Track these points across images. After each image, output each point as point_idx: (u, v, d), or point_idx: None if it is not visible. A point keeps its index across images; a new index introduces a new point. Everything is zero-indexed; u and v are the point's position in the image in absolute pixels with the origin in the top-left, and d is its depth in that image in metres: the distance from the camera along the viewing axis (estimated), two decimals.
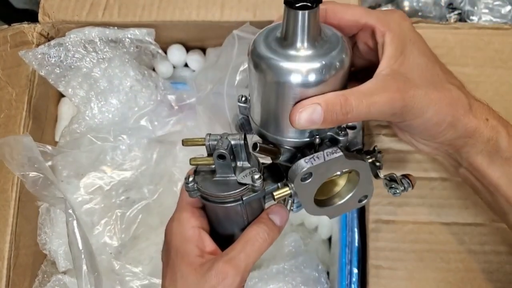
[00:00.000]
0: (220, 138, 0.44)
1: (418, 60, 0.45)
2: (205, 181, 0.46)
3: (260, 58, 0.41)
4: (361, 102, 0.41)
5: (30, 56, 0.73)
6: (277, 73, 0.40)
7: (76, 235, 0.66)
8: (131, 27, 0.77)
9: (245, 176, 0.45)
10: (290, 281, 0.68)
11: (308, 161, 0.43)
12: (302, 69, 0.39)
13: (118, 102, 0.76)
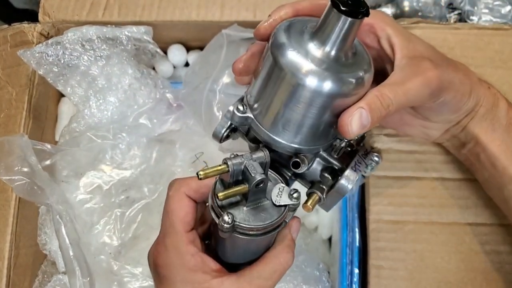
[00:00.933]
0: (246, 162, 0.39)
1: (423, 45, 0.49)
2: (240, 213, 0.41)
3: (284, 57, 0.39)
4: (397, 93, 0.43)
5: (28, 55, 0.73)
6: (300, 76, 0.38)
7: (66, 241, 0.65)
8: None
9: (279, 196, 0.42)
10: (292, 280, 0.68)
11: (349, 182, 0.45)
12: (341, 80, 0.39)
13: (117, 100, 0.76)
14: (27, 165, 0.66)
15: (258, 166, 0.39)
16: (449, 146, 0.60)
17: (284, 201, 0.41)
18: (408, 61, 0.46)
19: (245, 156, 0.40)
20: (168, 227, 0.46)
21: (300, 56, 0.38)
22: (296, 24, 0.41)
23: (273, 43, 0.40)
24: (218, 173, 0.40)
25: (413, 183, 0.66)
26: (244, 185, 0.40)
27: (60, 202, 0.69)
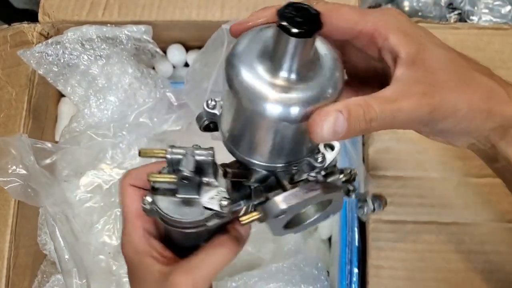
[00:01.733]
0: (185, 154, 0.39)
1: (437, 54, 0.40)
2: (165, 201, 0.41)
3: (239, 80, 0.34)
4: (384, 109, 0.37)
5: (28, 54, 0.73)
6: (256, 103, 0.34)
7: (61, 244, 0.66)
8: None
9: (211, 199, 0.41)
10: (290, 279, 0.67)
11: (284, 200, 0.39)
12: (289, 102, 0.34)
13: (117, 99, 0.75)
14: (23, 167, 0.66)
15: (192, 162, 0.38)
16: (479, 156, 0.51)
17: (211, 205, 0.40)
18: (409, 76, 0.39)
19: (190, 149, 0.39)
20: (123, 217, 0.47)
21: (253, 78, 0.34)
22: (263, 33, 0.36)
23: (229, 56, 0.36)
24: (156, 156, 0.40)
25: (413, 183, 0.66)
26: (174, 176, 0.39)
27: (57, 203, 0.69)
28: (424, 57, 0.39)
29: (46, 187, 0.68)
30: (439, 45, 0.40)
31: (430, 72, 0.39)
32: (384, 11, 0.41)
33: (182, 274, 0.42)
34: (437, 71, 0.39)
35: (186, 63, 0.89)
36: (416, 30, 0.40)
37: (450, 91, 0.39)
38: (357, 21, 0.39)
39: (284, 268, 0.69)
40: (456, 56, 0.41)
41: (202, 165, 0.40)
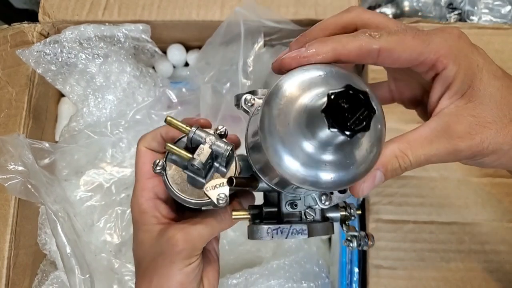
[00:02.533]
0: (204, 143, 0.41)
1: (490, 88, 0.38)
2: (173, 170, 0.44)
3: (279, 163, 0.34)
4: (418, 155, 0.38)
5: (26, 53, 0.73)
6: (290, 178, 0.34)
7: (63, 239, 0.66)
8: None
9: (213, 188, 0.41)
10: (291, 276, 0.68)
11: (270, 233, 0.41)
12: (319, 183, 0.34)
13: (116, 98, 0.75)
14: (22, 164, 0.66)
15: (207, 155, 0.40)
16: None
17: (211, 194, 0.41)
18: (451, 112, 0.38)
19: (211, 138, 0.41)
20: (136, 174, 0.50)
21: (292, 157, 0.33)
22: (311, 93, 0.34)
23: (270, 122, 0.34)
24: (179, 129, 0.42)
25: (413, 183, 0.66)
26: (189, 155, 0.41)
27: (58, 201, 0.69)
28: (473, 93, 0.38)
29: (46, 184, 0.68)
30: (495, 76, 0.39)
31: (478, 108, 0.38)
32: (447, 35, 0.39)
33: (177, 230, 0.45)
34: (485, 109, 0.38)
35: (186, 63, 0.89)
36: (475, 58, 0.39)
37: (495, 131, 0.38)
38: (421, 51, 0.38)
39: (285, 265, 0.69)
40: (509, 88, 0.39)
41: (218, 154, 0.42)
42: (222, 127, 0.43)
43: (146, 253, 0.47)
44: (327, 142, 0.32)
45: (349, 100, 0.29)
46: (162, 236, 0.45)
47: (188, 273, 0.46)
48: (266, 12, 0.74)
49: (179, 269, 0.45)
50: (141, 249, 0.47)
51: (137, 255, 0.48)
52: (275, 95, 0.34)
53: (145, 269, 0.47)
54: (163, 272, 0.45)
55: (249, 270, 0.69)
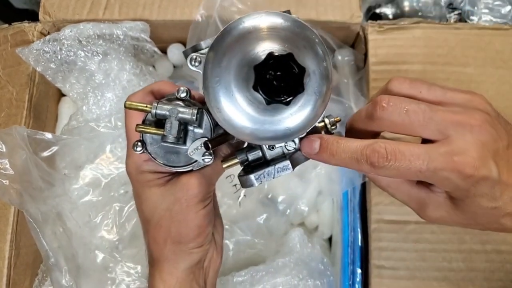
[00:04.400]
0: (169, 116, 0.41)
1: (477, 208, 0.40)
2: (154, 145, 0.44)
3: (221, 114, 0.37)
4: (394, 194, 0.45)
5: (26, 52, 0.72)
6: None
7: (44, 246, 0.67)
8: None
9: (196, 150, 0.43)
10: (297, 274, 0.67)
11: (258, 178, 0.42)
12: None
13: (115, 96, 0.75)
14: (10, 166, 0.66)
15: (175, 127, 0.41)
16: None
17: (196, 157, 0.43)
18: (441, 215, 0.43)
19: (174, 109, 0.41)
20: (126, 138, 0.49)
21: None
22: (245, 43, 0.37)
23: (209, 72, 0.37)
24: (141, 110, 0.42)
25: None
26: (161, 131, 0.41)
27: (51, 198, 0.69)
28: (466, 201, 0.40)
29: (35, 185, 0.68)
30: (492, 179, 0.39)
31: (464, 212, 0.41)
32: (469, 140, 0.39)
33: (189, 176, 0.46)
34: (477, 215, 0.41)
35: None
36: (487, 166, 0.38)
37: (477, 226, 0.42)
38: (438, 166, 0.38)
39: (290, 262, 0.69)
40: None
41: (186, 121, 0.41)
42: (183, 90, 0.43)
43: (157, 205, 0.48)
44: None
45: (276, 66, 0.30)
46: (174, 184, 0.46)
47: (204, 215, 0.47)
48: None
49: (195, 212, 0.46)
50: (150, 204, 0.48)
51: (146, 212, 0.49)
52: (220, 41, 0.36)
53: (159, 221, 0.48)
54: (180, 218, 0.46)
55: (255, 267, 0.69)
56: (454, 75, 0.70)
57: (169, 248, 0.48)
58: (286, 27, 0.35)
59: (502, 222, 0.40)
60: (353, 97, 0.75)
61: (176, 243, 0.47)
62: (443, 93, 0.42)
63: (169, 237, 0.47)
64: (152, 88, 0.47)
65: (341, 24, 0.75)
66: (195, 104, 0.43)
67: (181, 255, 0.48)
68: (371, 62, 0.72)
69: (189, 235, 0.47)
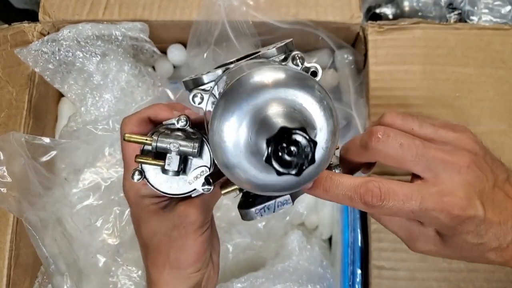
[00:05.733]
0: (170, 150, 0.41)
1: (463, 243, 0.42)
2: (153, 174, 0.44)
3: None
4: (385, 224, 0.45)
5: (24, 52, 0.72)
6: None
7: (44, 253, 0.67)
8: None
9: (195, 179, 0.43)
10: (297, 279, 0.67)
11: (258, 213, 0.42)
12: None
13: (114, 97, 0.75)
14: (8, 173, 0.66)
15: (176, 162, 0.41)
16: None
17: (196, 185, 0.43)
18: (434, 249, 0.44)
19: (174, 144, 0.40)
20: (124, 159, 0.49)
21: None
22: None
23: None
24: (141, 143, 0.41)
25: None
26: (161, 163, 0.41)
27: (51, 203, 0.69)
28: (456, 243, 0.42)
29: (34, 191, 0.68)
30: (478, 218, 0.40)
31: (450, 247, 0.42)
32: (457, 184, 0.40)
33: (186, 203, 0.46)
34: (462, 249, 0.42)
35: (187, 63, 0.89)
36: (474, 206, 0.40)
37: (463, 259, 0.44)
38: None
39: (290, 267, 0.68)
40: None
41: (187, 154, 0.41)
42: (182, 120, 0.42)
43: (156, 230, 0.48)
44: None
45: (287, 140, 0.30)
46: (173, 210, 0.46)
47: (202, 242, 0.47)
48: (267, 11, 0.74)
49: (194, 239, 0.46)
50: (149, 228, 0.48)
51: (145, 236, 0.49)
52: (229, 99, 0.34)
53: (158, 246, 0.48)
54: (179, 244, 0.46)
55: (254, 274, 0.68)
56: (454, 75, 0.70)
57: (167, 272, 0.48)
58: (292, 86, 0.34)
59: (486, 256, 0.42)
60: (353, 98, 0.75)
61: (175, 268, 0.48)
62: (434, 130, 0.43)
63: (168, 262, 0.48)
64: (149, 115, 0.46)
65: (341, 24, 0.75)
66: (195, 134, 0.42)
67: (180, 279, 0.48)
68: (371, 62, 0.72)
69: (187, 261, 0.47)
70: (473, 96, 0.69)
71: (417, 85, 0.70)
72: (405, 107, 0.69)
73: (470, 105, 0.69)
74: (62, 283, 0.68)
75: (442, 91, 0.70)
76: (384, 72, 0.72)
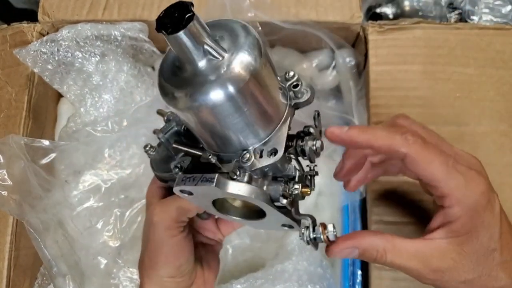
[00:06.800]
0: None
1: (479, 247, 0.42)
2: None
3: (177, 99, 0.36)
4: (394, 263, 0.44)
5: (23, 53, 0.72)
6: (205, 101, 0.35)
7: (46, 255, 0.68)
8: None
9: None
10: (296, 280, 0.67)
11: (184, 180, 0.41)
12: (224, 79, 0.34)
13: (113, 97, 0.75)
14: (9, 176, 0.66)
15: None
16: None
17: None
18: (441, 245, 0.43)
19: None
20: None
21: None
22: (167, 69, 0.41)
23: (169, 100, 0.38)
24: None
25: (414, 183, 0.66)
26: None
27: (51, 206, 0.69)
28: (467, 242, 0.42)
29: (35, 194, 0.68)
30: (491, 237, 0.42)
31: (462, 257, 0.42)
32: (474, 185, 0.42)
33: (158, 203, 0.48)
34: (466, 261, 0.42)
35: None
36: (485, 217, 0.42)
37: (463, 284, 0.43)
38: (440, 179, 0.42)
39: (289, 268, 0.68)
40: (493, 252, 0.43)
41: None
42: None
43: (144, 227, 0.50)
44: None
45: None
46: (147, 209, 0.49)
47: (172, 245, 0.48)
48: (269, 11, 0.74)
49: (162, 240, 0.48)
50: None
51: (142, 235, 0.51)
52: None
53: (143, 243, 0.51)
54: (151, 245, 0.49)
55: (254, 274, 0.68)
56: (455, 75, 0.70)
57: (145, 271, 0.50)
58: None
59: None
60: (354, 98, 0.75)
61: (149, 268, 0.49)
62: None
63: (142, 261, 0.50)
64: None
65: (341, 24, 0.75)
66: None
67: (155, 281, 0.49)
68: (371, 62, 0.72)
69: (158, 261, 0.49)
70: (474, 96, 0.69)
71: (417, 85, 0.70)
72: (406, 107, 0.69)
73: (471, 105, 0.69)
74: (64, 285, 0.68)
75: (442, 91, 0.70)
76: (385, 72, 0.71)
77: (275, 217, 0.44)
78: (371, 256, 0.44)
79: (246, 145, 0.39)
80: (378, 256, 0.43)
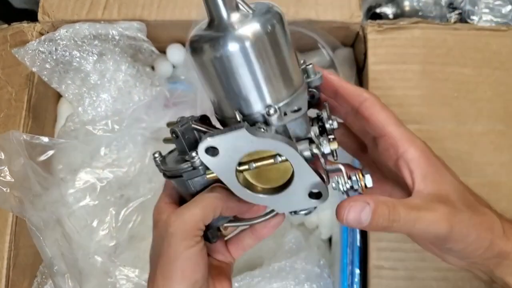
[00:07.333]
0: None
1: (453, 182, 0.45)
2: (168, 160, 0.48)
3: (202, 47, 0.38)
4: (408, 214, 0.41)
5: (22, 52, 0.72)
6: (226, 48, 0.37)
7: (48, 254, 0.67)
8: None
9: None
10: (293, 278, 0.67)
11: (211, 135, 0.40)
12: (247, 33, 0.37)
13: (111, 97, 0.75)
14: (10, 173, 0.66)
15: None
16: (478, 276, 0.53)
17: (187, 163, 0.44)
18: (429, 193, 0.43)
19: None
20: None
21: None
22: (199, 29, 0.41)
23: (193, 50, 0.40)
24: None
25: None
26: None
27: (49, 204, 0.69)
28: (442, 181, 0.44)
29: (35, 191, 0.68)
30: (453, 176, 0.45)
31: (448, 195, 0.43)
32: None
33: (170, 214, 0.46)
34: (453, 196, 0.44)
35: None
36: (437, 157, 0.45)
37: (465, 216, 0.43)
38: (392, 125, 0.45)
39: (286, 266, 0.68)
40: (465, 189, 0.46)
41: None
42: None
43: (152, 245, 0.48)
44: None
45: None
46: (158, 221, 0.47)
47: (188, 258, 0.45)
48: None
49: (179, 253, 0.45)
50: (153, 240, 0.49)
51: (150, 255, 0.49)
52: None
53: (152, 261, 0.48)
54: (165, 260, 0.45)
55: (251, 273, 0.68)
56: (453, 75, 0.70)
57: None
58: None
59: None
60: None
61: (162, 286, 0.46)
62: None
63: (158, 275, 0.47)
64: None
65: (340, 24, 0.75)
66: None
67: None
68: (370, 61, 0.72)
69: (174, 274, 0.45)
70: (471, 96, 0.69)
71: (415, 84, 0.71)
72: (404, 106, 0.69)
73: (468, 105, 0.69)
74: (63, 284, 0.68)
75: (440, 91, 0.70)
76: (383, 71, 0.72)
77: (304, 178, 0.42)
78: (383, 213, 0.41)
79: (270, 102, 0.40)
80: (391, 212, 0.41)
